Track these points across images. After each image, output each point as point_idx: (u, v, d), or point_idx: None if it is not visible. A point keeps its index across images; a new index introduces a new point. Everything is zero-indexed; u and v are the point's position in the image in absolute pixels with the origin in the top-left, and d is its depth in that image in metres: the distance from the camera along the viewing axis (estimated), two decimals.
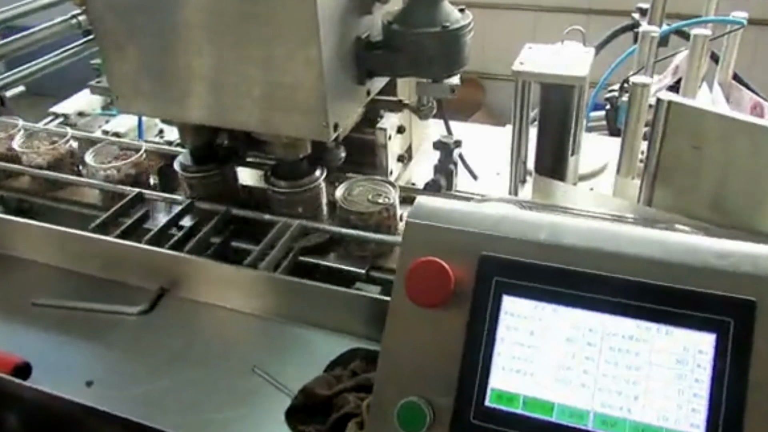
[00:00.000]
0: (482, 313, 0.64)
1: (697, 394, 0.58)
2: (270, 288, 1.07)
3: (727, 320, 0.58)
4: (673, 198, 1.07)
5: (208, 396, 0.92)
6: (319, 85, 0.95)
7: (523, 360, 0.63)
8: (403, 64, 1.01)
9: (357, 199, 1.08)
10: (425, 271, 0.64)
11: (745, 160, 0.98)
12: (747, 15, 1.31)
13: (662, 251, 0.62)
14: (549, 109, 1.14)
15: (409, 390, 0.65)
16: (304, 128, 1.01)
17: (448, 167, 1.17)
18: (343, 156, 1.19)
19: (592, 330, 0.61)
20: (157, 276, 1.12)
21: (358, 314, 1.00)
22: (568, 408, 0.61)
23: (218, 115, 1.08)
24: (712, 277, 0.60)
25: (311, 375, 0.89)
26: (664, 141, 1.04)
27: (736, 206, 1.01)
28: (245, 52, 1.00)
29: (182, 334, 1.03)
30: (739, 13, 1.33)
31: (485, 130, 1.65)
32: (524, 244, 0.65)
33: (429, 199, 0.70)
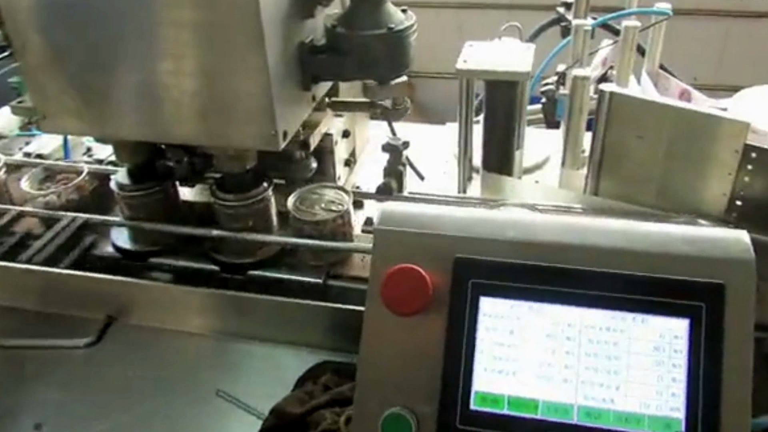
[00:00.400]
0: (460, 316, 0.63)
1: (676, 378, 0.59)
2: (223, 306, 1.04)
3: (699, 305, 0.60)
4: (619, 187, 1.10)
5: (173, 426, 0.89)
6: (265, 92, 0.92)
7: (504, 360, 0.62)
8: (350, 67, 1.00)
9: (309, 207, 1.06)
10: (402, 278, 0.63)
11: (685, 146, 1.01)
12: (670, 6, 1.36)
13: (632, 241, 0.63)
14: (494, 106, 1.14)
15: (391, 401, 0.64)
16: (252, 138, 0.97)
17: (397, 169, 1.16)
18: (314, 167, 1.16)
19: (570, 324, 0.62)
20: (101, 304, 1.07)
21: (320, 326, 0.98)
22: (553, 404, 0.61)
23: (158, 130, 1.03)
24: (681, 264, 0.61)
25: (280, 394, 0.86)
26: (608, 131, 1.06)
27: (680, 191, 1.05)
28: (183, 63, 0.96)
29: (136, 363, 0.99)
30: (663, 4, 1.38)
31: (421, 130, 1.65)
32: (497, 244, 0.64)
33: (395, 204, 0.69)
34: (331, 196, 1.08)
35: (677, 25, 1.41)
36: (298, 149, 1.14)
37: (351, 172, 1.33)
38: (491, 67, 1.10)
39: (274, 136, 0.96)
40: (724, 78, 3.07)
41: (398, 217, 0.68)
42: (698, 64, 2.87)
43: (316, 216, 1.04)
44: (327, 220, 1.03)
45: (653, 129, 1.03)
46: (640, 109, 1.03)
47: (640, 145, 1.05)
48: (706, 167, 1.01)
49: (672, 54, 1.50)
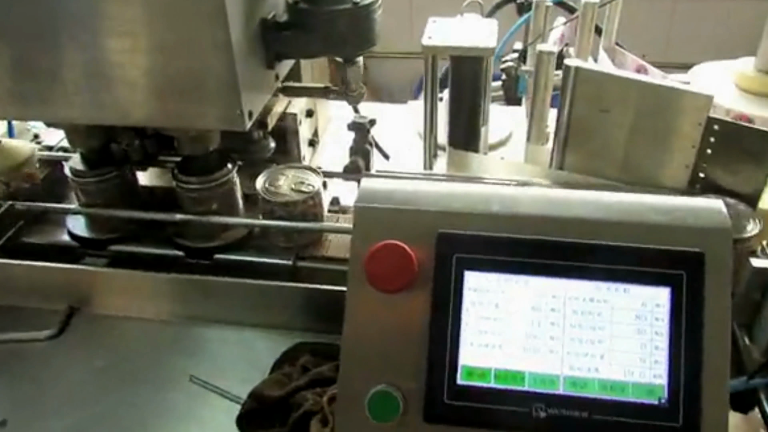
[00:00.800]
0: (445, 291, 0.63)
1: (658, 346, 0.60)
2: (190, 291, 1.01)
3: (679, 273, 0.61)
4: (584, 161, 1.11)
5: (145, 415, 0.86)
6: (230, 70, 0.89)
7: (490, 333, 0.62)
8: (315, 44, 0.97)
9: (279, 189, 1.04)
10: (387, 255, 0.62)
11: (649, 120, 1.03)
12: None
13: (614, 213, 0.63)
14: (460, 82, 1.14)
15: (377, 379, 0.63)
16: (217, 119, 0.94)
17: (365, 148, 1.14)
18: (272, 147, 1.13)
19: (554, 296, 0.62)
20: (63, 295, 1.03)
21: (292, 307, 0.97)
22: (539, 375, 0.61)
23: (114, 113, 0.99)
24: (662, 234, 0.62)
25: (255, 378, 0.85)
26: (573, 106, 1.07)
27: (644, 164, 1.06)
28: (138, 40, 0.91)
29: (102, 353, 0.95)
30: None
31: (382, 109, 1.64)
32: (479, 217, 0.64)
33: (373, 181, 0.68)
34: (301, 177, 1.06)
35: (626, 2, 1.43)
36: (256, 129, 1.11)
37: (315, 152, 1.31)
38: (457, 43, 1.09)
39: (239, 116, 0.93)
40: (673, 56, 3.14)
41: (378, 193, 0.67)
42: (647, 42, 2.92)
43: (286, 197, 1.02)
44: (297, 201, 1.01)
45: (618, 103, 1.04)
46: (605, 83, 1.04)
47: (605, 120, 1.06)
48: (669, 140, 1.03)
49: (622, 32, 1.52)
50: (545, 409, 0.60)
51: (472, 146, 1.19)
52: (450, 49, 1.09)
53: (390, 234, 0.64)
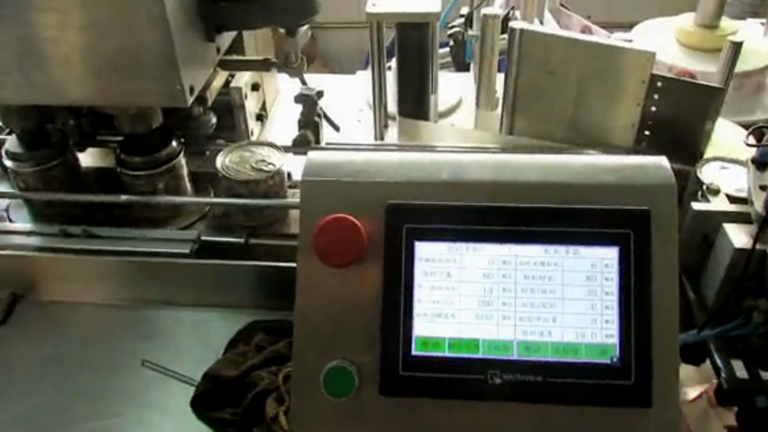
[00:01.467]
0: (397, 263, 0.62)
1: (609, 306, 0.61)
2: (138, 274, 0.98)
3: (626, 232, 0.61)
4: (533, 124, 1.11)
5: (96, 403, 0.84)
6: (167, 45, 0.86)
7: (443, 303, 0.62)
8: (255, 14, 0.95)
9: (240, 167, 1.00)
10: (335, 229, 0.61)
11: (595, 80, 1.03)
12: None
13: (560, 175, 0.63)
14: (407, 50, 1.12)
15: (331, 355, 0.62)
16: (157, 95, 0.91)
17: (314, 120, 1.12)
18: (214, 122, 1.10)
19: (505, 262, 0.62)
20: (5, 282, 0.99)
21: (244, 285, 0.95)
22: (493, 342, 0.61)
23: (48, 92, 0.95)
24: (607, 193, 0.62)
25: (210, 359, 0.84)
26: (520, 69, 1.07)
27: (591, 124, 1.07)
28: (71, 16, 0.87)
29: (50, 341, 0.93)
30: None
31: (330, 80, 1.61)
32: (428, 186, 0.63)
33: (319, 153, 0.66)
34: (263, 155, 1.03)
35: None
36: (196, 105, 1.08)
37: (263, 126, 1.28)
38: (401, 9, 1.07)
39: (180, 91, 0.90)
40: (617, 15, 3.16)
41: (324, 166, 0.65)
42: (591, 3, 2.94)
43: (247, 176, 0.99)
44: (258, 180, 0.98)
45: (563, 64, 1.04)
46: (550, 44, 1.04)
47: (551, 82, 1.06)
48: (615, 99, 1.04)
49: None
50: (500, 375, 0.60)
51: (422, 115, 1.18)
52: (394, 16, 1.07)
53: (338, 207, 0.62)
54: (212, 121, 1.12)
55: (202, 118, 1.09)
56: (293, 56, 1.04)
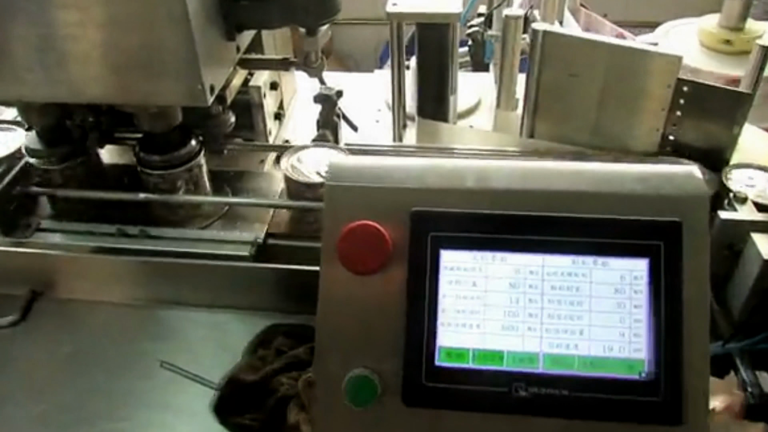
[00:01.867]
0: (421, 271, 0.61)
1: (638, 319, 0.60)
2: (158, 274, 0.98)
3: (657, 243, 0.60)
4: (555, 127, 1.10)
5: (115, 402, 0.83)
6: (188, 44, 0.85)
7: (468, 313, 0.61)
8: (276, 14, 0.94)
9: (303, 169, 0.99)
10: (360, 236, 0.60)
11: (619, 83, 1.02)
12: None
13: (589, 184, 0.62)
14: (427, 50, 1.11)
15: (353, 362, 0.62)
16: (177, 94, 0.90)
17: (332, 120, 1.11)
18: (232, 122, 1.09)
19: (532, 272, 0.61)
20: (24, 279, 0.99)
21: (263, 288, 0.94)
22: (518, 354, 0.60)
23: (68, 90, 0.94)
24: (638, 203, 0.61)
25: (228, 362, 0.83)
26: (542, 71, 1.05)
27: (614, 129, 1.06)
28: (92, 13, 0.87)
29: (68, 339, 0.92)
30: None
31: (348, 79, 1.60)
32: (454, 193, 0.62)
33: (345, 158, 0.65)
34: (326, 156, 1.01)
35: None
36: (215, 104, 1.07)
37: (281, 125, 1.27)
38: (422, 9, 1.06)
39: (201, 90, 0.89)
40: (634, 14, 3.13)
41: (349, 171, 0.64)
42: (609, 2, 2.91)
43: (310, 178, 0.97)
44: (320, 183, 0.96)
45: (587, 67, 1.03)
46: (574, 47, 1.03)
47: (574, 84, 1.05)
48: (639, 103, 1.02)
49: None
50: (525, 388, 0.59)
51: (441, 116, 1.17)
52: (415, 16, 1.05)
53: (362, 213, 0.62)
54: (231, 120, 1.11)
55: (220, 117, 1.09)
56: (313, 56, 1.03)
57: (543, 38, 1.02)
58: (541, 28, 1.02)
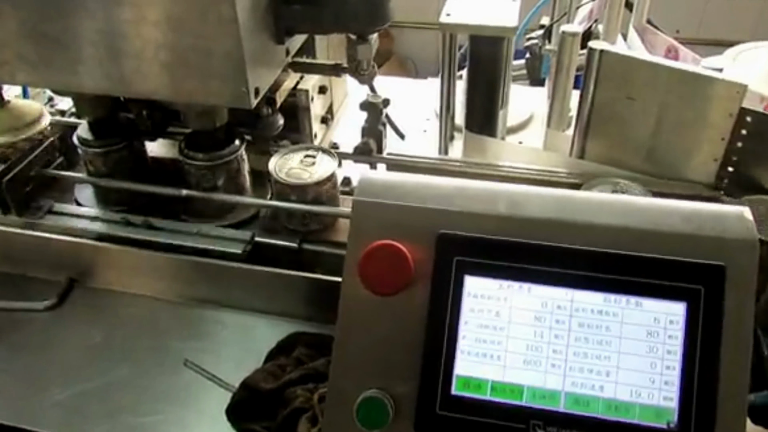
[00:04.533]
0: (444, 296, 0.59)
1: (670, 366, 0.56)
2: (191, 271, 0.98)
3: (697, 288, 0.56)
4: (606, 150, 1.06)
5: (137, 397, 0.84)
6: (236, 46, 0.85)
7: (489, 343, 0.59)
8: (327, 19, 0.93)
9: (292, 170, 0.99)
10: (382, 256, 0.59)
11: (677, 108, 0.97)
12: None
13: (628, 218, 0.59)
14: (479, 62, 1.09)
15: (367, 383, 0.60)
16: (223, 95, 0.91)
17: (377, 129, 1.10)
18: (281, 124, 1.09)
19: (560, 307, 0.58)
20: (63, 266, 1.01)
21: (293, 295, 0.94)
22: (539, 390, 0.58)
23: (119, 84, 0.95)
24: (678, 243, 0.57)
25: (250, 366, 0.83)
26: (597, 91, 1.01)
27: (668, 156, 1.01)
28: (146, 11, 0.88)
29: (100, 328, 0.94)
30: None
31: (402, 84, 1.59)
32: (483, 219, 0.60)
33: (375, 173, 0.64)
34: (315, 159, 1.01)
35: None
36: (265, 105, 1.08)
37: (328, 129, 1.26)
38: (476, 21, 1.03)
39: (245, 93, 0.89)
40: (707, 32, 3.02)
41: (378, 187, 0.63)
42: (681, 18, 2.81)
43: (299, 180, 0.98)
44: (309, 185, 0.97)
45: (644, 89, 0.98)
46: (632, 68, 0.98)
47: (630, 107, 1.00)
48: (697, 131, 0.98)
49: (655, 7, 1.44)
50: (543, 427, 0.57)
51: (489, 130, 1.14)
52: (468, 28, 1.03)
53: (388, 231, 0.60)
54: (279, 122, 1.11)
55: (269, 118, 1.09)
56: (365, 63, 1.02)
57: (600, 57, 0.99)
58: (598, 46, 0.99)
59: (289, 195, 0.98)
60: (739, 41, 1.42)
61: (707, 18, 3.09)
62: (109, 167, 1.09)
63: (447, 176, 0.66)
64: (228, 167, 1.05)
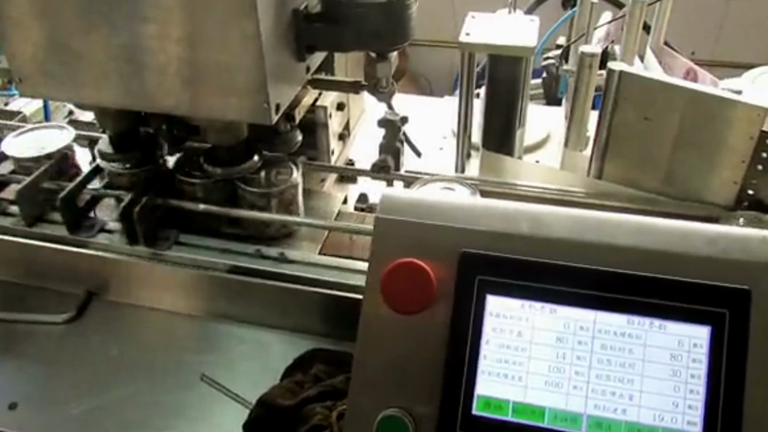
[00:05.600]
0: (465, 315, 0.59)
1: (693, 390, 0.56)
2: (210, 287, 0.99)
3: (722, 311, 0.56)
4: (625, 170, 1.05)
5: (153, 411, 0.84)
6: (258, 63, 0.86)
7: (510, 363, 0.59)
8: (348, 37, 0.93)
9: None
10: (404, 274, 0.59)
11: (696, 130, 0.97)
12: None
13: (652, 240, 0.58)
14: (497, 82, 1.09)
15: (387, 401, 0.60)
16: (243, 111, 0.91)
17: (394, 146, 1.10)
18: (299, 140, 1.10)
19: (582, 328, 0.58)
20: (82, 279, 1.02)
21: (311, 311, 0.94)
22: (561, 412, 0.57)
23: (141, 99, 0.97)
24: (703, 266, 0.57)
25: (267, 382, 0.83)
26: (615, 112, 1.02)
27: (688, 178, 1.01)
28: (169, 27, 0.89)
29: (117, 342, 0.95)
30: None
31: (419, 102, 1.59)
32: (507, 238, 0.60)
33: (398, 191, 0.64)
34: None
35: None
36: (283, 122, 1.08)
37: (345, 146, 1.27)
38: (495, 40, 1.04)
39: (266, 109, 0.90)
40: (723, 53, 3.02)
41: (401, 205, 0.63)
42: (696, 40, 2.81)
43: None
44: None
45: (663, 111, 0.98)
46: (650, 89, 0.98)
47: (648, 128, 1.00)
48: (717, 153, 0.97)
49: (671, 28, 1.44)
50: None
51: (506, 149, 1.14)
52: (488, 47, 1.04)
53: (410, 249, 0.60)
54: (298, 138, 1.12)
55: (287, 134, 1.09)
56: (384, 81, 1.03)
57: (619, 78, 0.99)
58: (617, 68, 0.99)
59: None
60: (755, 63, 1.42)
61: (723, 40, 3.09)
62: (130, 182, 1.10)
63: None
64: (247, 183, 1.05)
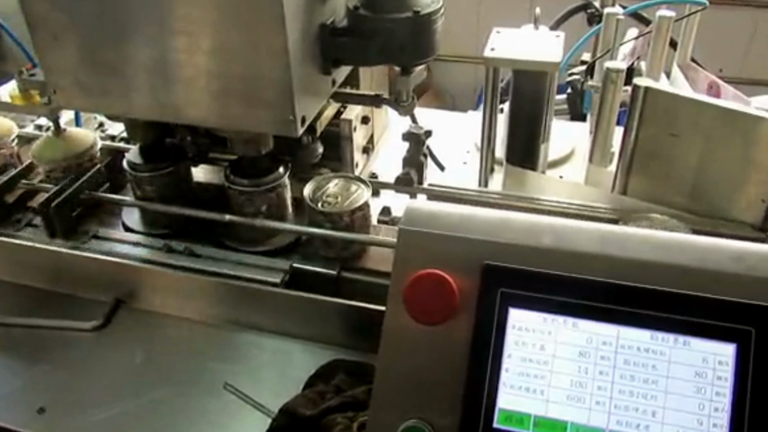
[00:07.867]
0: (487, 327, 0.59)
1: (719, 408, 0.55)
2: (233, 296, 1.00)
3: (748, 329, 0.55)
4: (649, 186, 1.05)
5: (176, 418, 0.85)
6: (284, 76, 0.88)
7: (532, 377, 0.59)
8: (373, 52, 0.95)
9: (327, 198, 1.02)
10: (427, 285, 0.59)
11: (723, 147, 0.96)
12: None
13: (677, 256, 0.58)
14: (521, 96, 1.09)
15: (409, 413, 0.60)
16: (269, 123, 0.93)
17: (418, 160, 1.11)
18: (320, 152, 1.12)
19: (605, 343, 0.58)
20: (110, 287, 1.04)
21: (333, 322, 0.94)
22: (582, 427, 0.57)
23: (171, 110, 0.99)
24: (729, 283, 0.57)
25: (288, 391, 0.83)
26: (641, 128, 1.01)
27: (714, 195, 1.00)
28: (198, 40, 0.91)
29: (143, 349, 0.96)
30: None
31: (442, 116, 1.60)
32: (530, 251, 0.60)
33: (421, 203, 0.65)
34: (350, 187, 1.03)
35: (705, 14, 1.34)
36: (305, 134, 1.10)
37: (369, 159, 1.28)
38: (520, 56, 1.05)
39: (292, 121, 0.91)
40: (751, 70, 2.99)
41: (424, 217, 0.64)
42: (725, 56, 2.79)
43: (332, 207, 0.99)
44: (343, 213, 0.99)
45: (689, 127, 0.98)
46: (677, 105, 0.98)
47: (674, 144, 1.00)
48: (744, 171, 0.96)
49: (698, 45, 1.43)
50: None
51: (530, 164, 1.14)
52: (512, 62, 1.04)
53: (433, 261, 0.60)
54: (319, 150, 1.13)
55: (309, 146, 1.11)
56: (405, 95, 1.04)
57: (644, 94, 0.99)
58: (643, 83, 0.99)
59: (323, 222, 0.99)
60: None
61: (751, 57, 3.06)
62: (158, 191, 1.12)
63: None
64: (271, 194, 1.07)
